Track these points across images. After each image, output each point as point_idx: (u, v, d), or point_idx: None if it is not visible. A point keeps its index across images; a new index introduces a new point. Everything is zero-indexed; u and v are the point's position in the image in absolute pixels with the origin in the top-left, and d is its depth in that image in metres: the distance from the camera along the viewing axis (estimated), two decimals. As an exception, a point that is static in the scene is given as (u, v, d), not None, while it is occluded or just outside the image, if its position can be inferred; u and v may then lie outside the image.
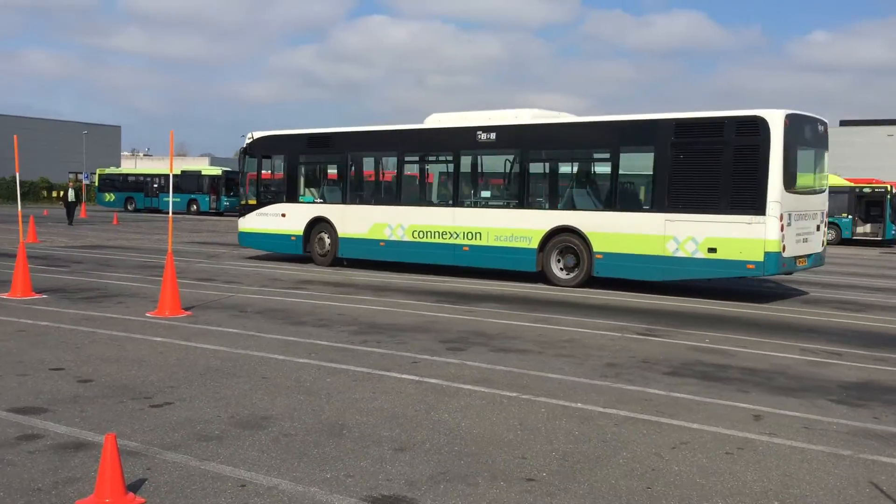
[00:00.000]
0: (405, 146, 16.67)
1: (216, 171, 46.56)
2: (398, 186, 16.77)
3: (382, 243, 16.50)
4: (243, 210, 18.97)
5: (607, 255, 13.85)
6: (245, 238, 18.96)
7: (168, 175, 21.33)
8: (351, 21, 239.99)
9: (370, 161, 17.90)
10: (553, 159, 15.43)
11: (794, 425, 5.96)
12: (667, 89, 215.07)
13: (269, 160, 18.91)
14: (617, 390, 6.88)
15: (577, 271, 14.27)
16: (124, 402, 6.08)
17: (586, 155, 14.94)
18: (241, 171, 19.23)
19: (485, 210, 15.57)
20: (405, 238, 16.16)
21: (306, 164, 18.56)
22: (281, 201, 18.28)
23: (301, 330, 9.42)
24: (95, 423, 5.49)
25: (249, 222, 18.68)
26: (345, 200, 17.39)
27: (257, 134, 18.82)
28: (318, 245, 17.63)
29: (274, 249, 18.67)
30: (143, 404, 6.03)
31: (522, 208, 14.97)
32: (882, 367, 8.23)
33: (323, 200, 17.88)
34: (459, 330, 9.77)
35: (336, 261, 17.46)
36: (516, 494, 4.45)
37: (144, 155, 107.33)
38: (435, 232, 15.82)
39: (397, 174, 16.97)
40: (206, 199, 45.26)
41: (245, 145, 18.86)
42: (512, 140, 15.21)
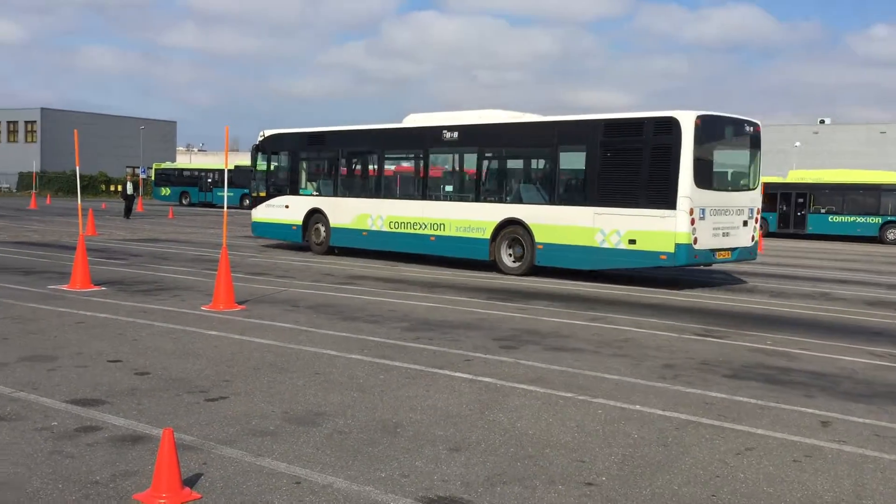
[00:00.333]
0: (385, 144, 18.17)
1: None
2: (378, 181, 18.24)
3: (365, 233, 17.89)
4: (255, 202, 20.49)
5: (547, 246, 14.95)
6: (256, 227, 20.44)
7: (223, 170, 21.65)
8: (401, 16, 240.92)
9: (357, 157, 19.27)
10: (504, 157, 16.64)
11: (864, 432, 5.72)
12: (721, 85, 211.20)
13: (277, 156, 20.21)
14: (676, 392, 6.70)
15: (522, 261, 15.36)
16: (180, 395, 6.11)
17: (531, 153, 16.12)
18: (254, 166, 20.58)
19: (448, 203, 16.88)
20: (384, 228, 17.51)
21: (307, 160, 20.07)
22: (285, 194, 19.72)
23: (353, 326, 9.40)
24: (152, 416, 5.52)
25: (260, 213, 20.22)
26: (336, 194, 18.87)
27: (268, 132, 20.24)
28: (314, 235, 19.10)
29: (279, 238, 20.10)
30: (198, 398, 6.05)
31: (478, 202, 16.22)
32: (955, 372, 7.89)
33: (319, 193, 19.33)
34: (512, 328, 9.66)
35: (329, 250, 18.79)
36: (575, 499, 4.33)
37: (199, 150, 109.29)
38: (407, 223, 17.11)
39: (378, 170, 18.37)
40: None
41: (257, 142, 20.25)
42: (470, 138, 16.37)
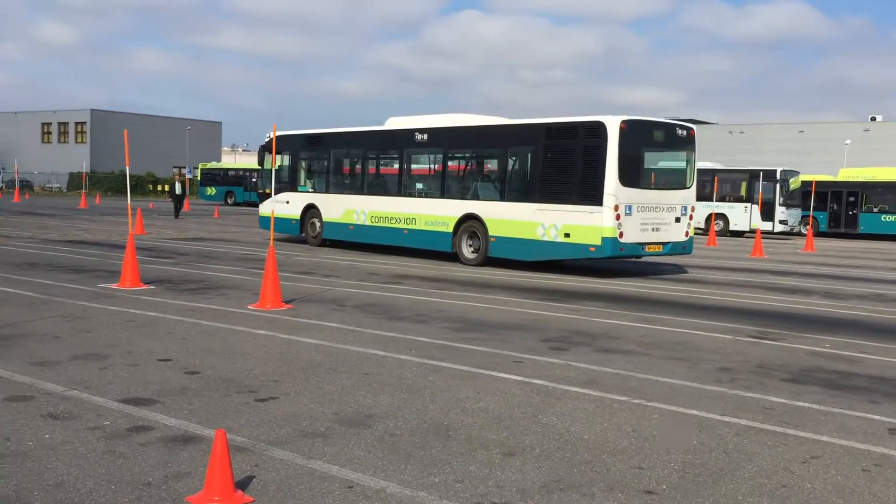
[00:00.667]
0: (368, 145, 19.94)
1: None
2: (362, 179, 19.97)
3: (351, 227, 19.59)
4: (262, 198, 22.41)
5: (498, 239, 16.26)
6: (262, 221, 22.25)
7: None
8: (444, 17, 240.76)
9: (345, 157, 20.85)
10: (465, 157, 18.12)
11: (936, 441, 5.47)
12: (768, 82, 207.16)
13: (281, 156, 21.67)
14: (734, 397, 6.50)
15: (478, 253, 16.70)
16: (230, 395, 6.09)
17: (487, 153, 17.43)
18: (261, 165, 22.60)
19: (418, 200, 18.27)
20: (367, 222, 19.16)
21: (305, 159, 21.56)
22: (287, 190, 21.39)
23: (400, 326, 9.33)
24: (203, 417, 5.50)
25: (267, 208, 21.60)
26: (328, 190, 20.60)
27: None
28: (310, 228, 20.84)
29: (282, 231, 21.49)
30: (248, 398, 6.02)
31: (443, 198, 17.59)
32: None
33: (314, 190, 21.00)
34: (561, 328, 9.50)
35: (323, 242, 20.54)
36: (635, 508, 4.19)
37: (243, 150, 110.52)
38: (385, 217, 18.71)
39: (362, 168, 20.18)
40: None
41: (264, 143, 22.20)
42: (437, 140, 17.87)
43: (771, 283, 15.41)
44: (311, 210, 20.71)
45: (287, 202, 21.18)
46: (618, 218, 14.37)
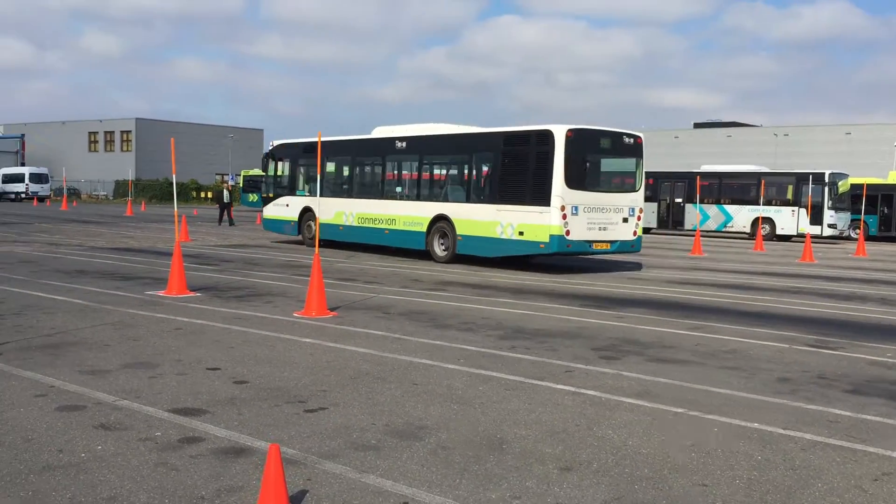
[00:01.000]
0: (356, 152, 21.44)
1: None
2: (351, 183, 21.46)
3: (342, 227, 20.94)
4: (265, 201, 24.02)
5: (464, 237, 17.60)
6: (266, 223, 24.09)
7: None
8: (481, 22, 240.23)
9: (337, 163, 22.24)
10: (437, 162, 19.46)
11: None
12: (812, 83, 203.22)
13: (283, 163, 23.47)
14: (796, 409, 6.27)
15: (448, 250, 18.01)
16: (279, 405, 6.03)
17: (456, 159, 18.83)
18: (265, 171, 24.29)
19: (398, 202, 19.53)
20: (354, 223, 20.54)
21: (303, 165, 22.97)
22: (286, 195, 23.07)
23: (446, 334, 9.22)
24: (253, 428, 5.44)
25: (268, 211, 23.76)
26: (322, 194, 21.08)
27: (276, 142, 23.89)
28: (307, 230, 22.23)
29: (282, 232, 23.37)
30: (297, 408, 5.95)
31: (419, 200, 18.91)
32: None
33: (310, 194, 22.30)
34: (610, 336, 9.32)
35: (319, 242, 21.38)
36: (702, 527, 4.02)
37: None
38: (370, 218, 20.10)
39: (350, 174, 21.67)
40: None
41: (267, 151, 23.86)
42: (414, 147, 19.32)
43: (824, 289, 15.02)
44: (307, 213, 22.18)
45: (287, 205, 22.94)
46: (564, 217, 15.59)
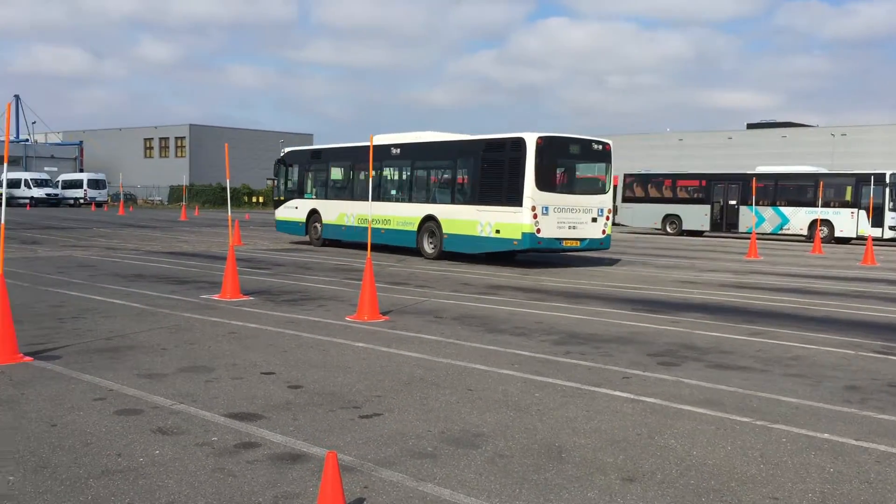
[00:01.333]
0: (355, 158, 22.63)
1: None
2: (352, 187, 22.96)
3: (344, 228, 22.67)
4: (276, 204, 25.81)
5: (450, 235, 19.15)
6: (278, 225, 25.72)
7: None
8: (530, 24, 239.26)
9: (339, 169, 23.87)
10: (427, 168, 20.87)
11: None
12: (868, 82, 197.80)
13: (293, 168, 25.14)
14: (867, 419, 6.02)
15: (436, 248, 19.53)
16: (334, 410, 5.99)
17: (442, 164, 20.26)
18: (276, 176, 25.87)
19: (392, 204, 21.16)
20: (355, 224, 22.15)
21: (311, 170, 24.62)
22: (296, 198, 24.76)
23: (500, 339, 9.11)
24: (309, 433, 5.40)
25: (280, 213, 25.53)
26: (326, 197, 23.73)
27: (287, 149, 25.99)
28: (313, 230, 23.99)
29: (292, 232, 25.07)
30: (352, 414, 5.91)
31: (410, 202, 20.55)
32: None
33: (316, 197, 24.07)
34: (666, 342, 9.11)
35: (324, 242, 23.65)
36: (774, 544, 3.85)
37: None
38: (368, 219, 20.78)
39: (351, 178, 23.16)
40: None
41: (279, 157, 25.73)
42: (406, 154, 20.98)
43: (888, 294, 14.54)
44: (314, 214, 23.93)
45: (296, 208, 24.62)
46: (535, 217, 17.12)
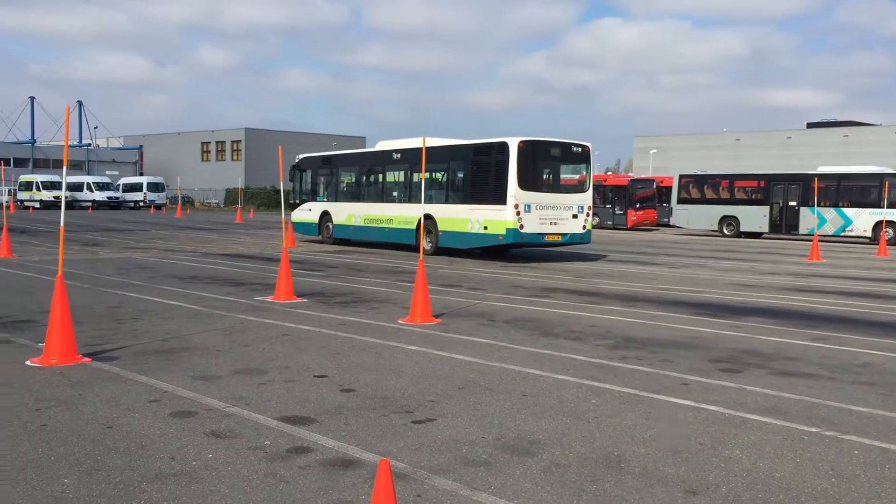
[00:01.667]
0: (362, 163, 25.10)
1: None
2: (359, 190, 24.87)
3: (352, 228, 24.62)
4: (293, 206, 27.57)
5: (444, 232, 20.86)
6: (295, 226, 27.05)
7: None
8: (581, 25, 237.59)
9: (348, 173, 25.86)
10: (425, 171, 21.46)
11: None
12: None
13: (306, 173, 27.13)
14: (944, 431, 5.72)
15: (432, 244, 21.12)
16: (387, 415, 5.91)
17: (439, 167, 21.82)
18: (291, 181, 27.72)
19: (394, 205, 22.94)
20: (362, 224, 24.10)
21: (323, 175, 26.66)
22: (310, 200, 26.79)
23: (554, 343, 8.95)
24: (361, 439, 5.33)
25: (295, 215, 27.35)
26: (337, 199, 25.73)
27: (301, 155, 27.82)
28: (325, 230, 25.98)
29: (307, 233, 26.90)
30: (405, 419, 5.82)
31: (410, 203, 22.06)
32: None
33: (328, 200, 26.10)
34: (727, 347, 8.84)
35: (335, 241, 25.55)
36: (849, 564, 3.64)
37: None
38: (373, 219, 23.64)
39: (358, 182, 25.12)
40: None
41: (294, 164, 27.50)
42: (406, 158, 22.52)
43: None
44: (326, 215, 25.85)
45: (310, 210, 26.59)
46: (518, 214, 18.73)
